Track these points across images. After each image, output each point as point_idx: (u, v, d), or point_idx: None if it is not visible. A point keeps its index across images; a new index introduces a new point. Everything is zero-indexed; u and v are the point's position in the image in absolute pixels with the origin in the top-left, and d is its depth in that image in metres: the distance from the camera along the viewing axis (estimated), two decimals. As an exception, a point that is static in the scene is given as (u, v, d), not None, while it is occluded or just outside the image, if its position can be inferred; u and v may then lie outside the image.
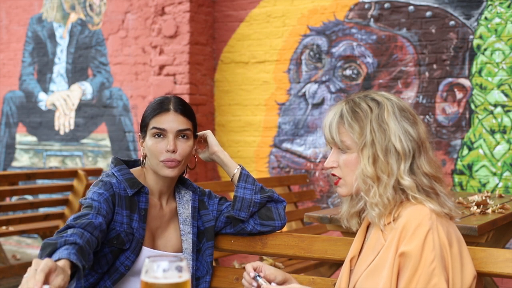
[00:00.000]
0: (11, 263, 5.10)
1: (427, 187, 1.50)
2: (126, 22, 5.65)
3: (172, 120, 1.87)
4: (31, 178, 4.82)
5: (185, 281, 1.13)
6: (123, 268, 1.83)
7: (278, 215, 2.01)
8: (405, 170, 1.50)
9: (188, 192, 2.03)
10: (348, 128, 1.55)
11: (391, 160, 1.50)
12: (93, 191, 1.82)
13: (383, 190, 1.50)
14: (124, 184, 1.86)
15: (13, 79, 6.47)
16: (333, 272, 3.60)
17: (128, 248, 1.82)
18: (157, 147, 1.86)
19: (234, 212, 1.97)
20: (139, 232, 1.84)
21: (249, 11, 5.05)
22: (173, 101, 1.90)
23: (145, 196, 1.88)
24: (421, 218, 1.43)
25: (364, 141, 1.53)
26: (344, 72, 4.67)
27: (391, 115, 1.53)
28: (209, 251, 2.00)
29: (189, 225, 1.97)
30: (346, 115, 1.56)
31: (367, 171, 1.51)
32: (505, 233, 3.20)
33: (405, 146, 1.50)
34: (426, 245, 1.40)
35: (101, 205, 1.76)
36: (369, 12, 4.57)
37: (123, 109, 5.66)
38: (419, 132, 1.53)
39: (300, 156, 4.84)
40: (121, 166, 1.92)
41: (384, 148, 1.51)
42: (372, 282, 1.47)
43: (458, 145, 4.27)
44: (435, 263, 1.39)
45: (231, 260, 4.82)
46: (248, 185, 1.99)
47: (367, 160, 1.52)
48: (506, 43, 4.12)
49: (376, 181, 1.51)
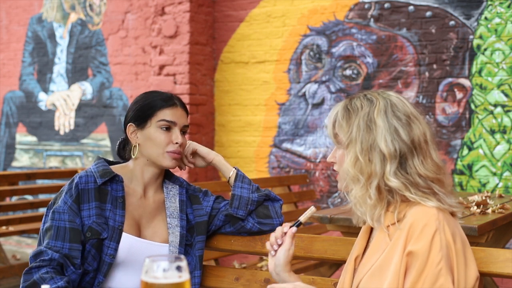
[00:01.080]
0: (11, 263, 5.10)
1: (423, 187, 1.48)
2: (126, 22, 5.65)
3: (180, 115, 1.96)
4: (31, 178, 4.83)
5: (185, 281, 1.13)
6: (108, 258, 1.85)
7: (275, 213, 2.04)
8: (391, 171, 1.46)
9: (175, 186, 2.05)
10: (337, 125, 1.56)
11: (375, 159, 1.48)
12: (60, 201, 1.88)
13: (361, 190, 1.49)
14: (95, 176, 1.90)
15: (13, 79, 6.47)
16: (333, 272, 3.60)
17: (106, 237, 1.85)
18: (163, 138, 1.92)
19: (232, 210, 2.00)
20: (113, 220, 1.87)
21: (249, 11, 5.05)
22: (175, 97, 1.99)
23: (120, 184, 1.92)
24: (428, 218, 1.42)
25: (349, 138, 1.52)
26: (344, 72, 4.67)
27: (381, 114, 1.50)
28: (199, 245, 2.01)
29: (177, 218, 1.99)
30: (341, 111, 1.57)
31: (348, 171, 1.51)
32: (505, 233, 3.20)
33: (391, 147, 1.47)
34: (433, 245, 1.39)
35: (64, 224, 1.83)
36: (369, 12, 4.57)
37: (123, 109, 5.66)
38: (412, 134, 1.49)
39: (300, 156, 4.84)
40: (99, 161, 1.98)
41: (367, 147, 1.49)
42: (376, 282, 1.47)
43: (458, 145, 4.27)
44: (442, 263, 1.38)
45: (231, 260, 4.83)
46: (245, 185, 2.02)
47: (349, 159, 1.51)
48: (506, 43, 4.12)
49: (356, 182, 1.50)
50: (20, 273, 4.42)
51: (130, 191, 1.95)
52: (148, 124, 1.93)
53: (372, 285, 1.48)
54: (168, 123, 1.92)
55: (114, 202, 1.89)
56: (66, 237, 1.82)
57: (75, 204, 1.85)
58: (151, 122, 1.93)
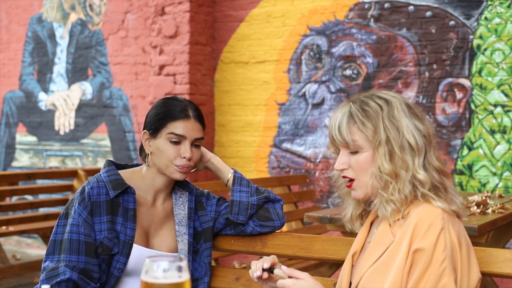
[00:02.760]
0: (11, 263, 5.10)
1: (437, 182, 1.51)
2: (126, 22, 5.65)
3: (192, 128, 1.89)
4: (31, 178, 4.82)
5: (185, 281, 1.13)
6: (117, 271, 1.83)
7: (277, 215, 2.01)
8: (420, 165, 1.51)
9: (185, 193, 2.02)
10: (361, 127, 1.53)
11: (406, 156, 1.51)
12: (73, 212, 1.83)
13: (402, 186, 1.50)
14: (107, 186, 1.86)
15: (13, 79, 6.47)
16: (333, 272, 3.60)
17: (117, 252, 1.83)
18: (172, 152, 1.87)
19: (233, 217, 1.97)
20: (125, 234, 1.84)
21: (249, 11, 5.05)
22: (192, 108, 1.91)
23: (132, 196, 1.88)
24: (434, 218, 1.44)
25: (379, 139, 1.52)
26: (344, 72, 4.67)
27: (401, 112, 1.54)
28: (207, 252, 2.00)
29: (185, 226, 1.97)
30: (356, 114, 1.55)
31: (384, 168, 1.51)
32: (505, 233, 3.20)
33: (418, 141, 1.52)
34: (438, 245, 1.41)
35: (79, 237, 1.80)
36: (369, 12, 4.57)
37: (123, 109, 5.66)
38: (428, 128, 1.55)
39: (300, 156, 4.84)
40: (110, 167, 1.92)
41: (399, 145, 1.51)
42: (378, 279, 1.47)
43: (458, 145, 4.27)
44: (446, 263, 1.39)
45: (231, 260, 4.83)
46: (243, 188, 1.99)
47: (384, 157, 1.51)
48: (506, 43, 4.12)
49: (395, 177, 1.51)
50: (20, 273, 4.45)
51: (140, 200, 1.92)
52: (159, 134, 1.89)
53: (374, 282, 1.48)
54: (177, 137, 1.87)
55: (125, 214, 1.86)
56: (82, 251, 1.79)
57: (90, 217, 1.82)
58: (161, 133, 1.88)
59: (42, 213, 4.70)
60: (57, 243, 1.82)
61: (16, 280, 4.73)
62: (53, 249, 1.82)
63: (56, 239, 1.83)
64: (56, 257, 1.80)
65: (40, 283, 1.75)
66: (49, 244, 1.84)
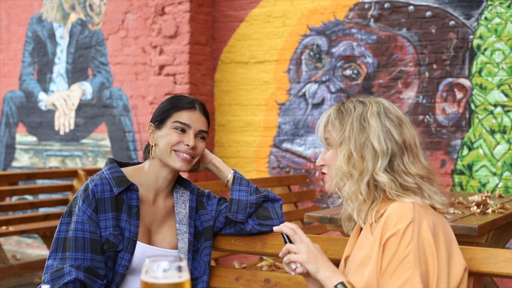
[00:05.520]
0: (11, 263, 5.10)
1: (410, 184, 1.54)
2: (126, 22, 5.65)
3: (197, 119, 1.94)
4: (31, 178, 4.82)
5: (185, 281, 1.13)
6: (122, 268, 1.84)
7: (276, 214, 2.03)
8: (381, 167, 1.54)
9: (186, 192, 2.04)
10: (331, 126, 1.63)
11: (367, 156, 1.55)
12: (77, 209, 1.83)
13: (354, 186, 1.55)
14: (111, 183, 1.86)
15: (13, 79, 6.47)
16: (333, 272, 3.59)
17: (122, 249, 1.83)
18: (175, 137, 1.90)
19: (231, 215, 1.98)
20: (129, 231, 1.85)
21: (249, 11, 5.05)
22: (198, 103, 1.99)
23: (135, 193, 1.89)
24: (404, 211, 1.47)
25: (342, 137, 1.59)
26: (344, 72, 4.68)
27: (374, 115, 1.58)
28: (206, 251, 2.01)
29: (186, 224, 1.98)
30: (333, 113, 1.65)
31: (341, 167, 1.57)
32: (505, 233, 3.20)
33: (383, 145, 1.54)
34: (403, 239, 1.43)
35: (84, 234, 1.80)
36: (369, 12, 4.57)
37: (123, 109, 5.66)
38: (404, 135, 1.57)
39: (300, 156, 4.84)
40: (112, 165, 1.93)
41: (360, 145, 1.56)
42: (360, 274, 1.50)
43: (458, 145, 4.27)
44: (411, 256, 1.41)
45: (231, 260, 4.83)
46: (243, 187, 2.00)
47: (343, 156, 1.57)
48: (506, 43, 4.12)
49: (350, 177, 1.56)
50: (20, 273, 4.45)
51: (143, 197, 1.93)
52: (165, 125, 1.92)
53: (358, 277, 1.51)
54: (182, 125, 1.90)
55: (129, 211, 1.87)
56: (87, 248, 1.79)
57: (95, 214, 1.82)
58: (167, 124, 1.92)
59: (42, 213, 4.70)
60: (60, 241, 1.82)
61: (16, 280, 4.73)
62: (56, 247, 1.82)
63: (59, 237, 1.83)
64: (60, 254, 1.80)
65: (44, 283, 1.75)
66: (53, 242, 1.84)
